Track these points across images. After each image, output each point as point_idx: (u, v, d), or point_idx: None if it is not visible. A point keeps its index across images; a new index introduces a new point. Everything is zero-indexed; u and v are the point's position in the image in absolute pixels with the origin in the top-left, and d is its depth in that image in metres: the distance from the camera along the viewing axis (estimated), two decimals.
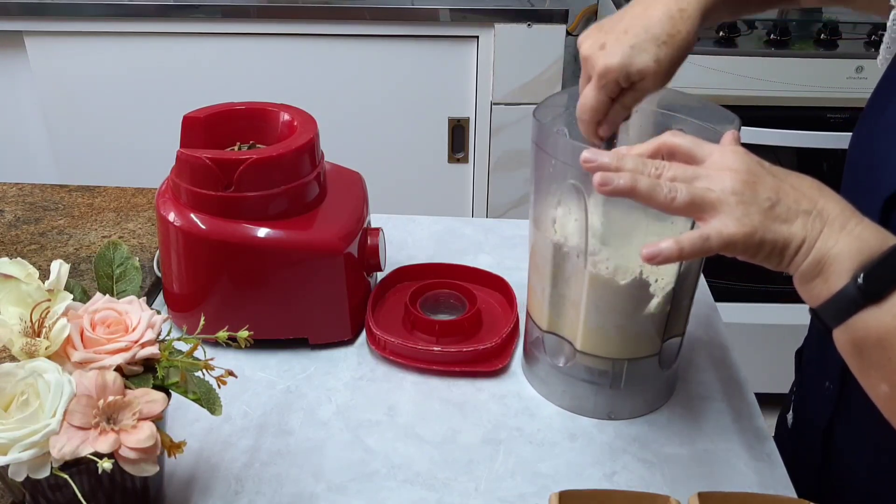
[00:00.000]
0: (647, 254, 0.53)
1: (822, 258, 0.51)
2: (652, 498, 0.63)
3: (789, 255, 0.52)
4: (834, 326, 0.52)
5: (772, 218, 0.52)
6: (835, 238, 0.51)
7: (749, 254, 0.53)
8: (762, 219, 0.52)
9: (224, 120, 0.87)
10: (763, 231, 0.51)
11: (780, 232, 0.52)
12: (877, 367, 0.51)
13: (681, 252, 0.53)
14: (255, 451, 0.74)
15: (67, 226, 1.07)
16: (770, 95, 1.66)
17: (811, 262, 0.51)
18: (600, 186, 0.54)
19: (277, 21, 1.73)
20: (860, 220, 0.52)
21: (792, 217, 0.52)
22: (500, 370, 0.84)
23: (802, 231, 0.52)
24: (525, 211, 1.91)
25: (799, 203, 0.52)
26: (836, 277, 0.50)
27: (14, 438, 0.54)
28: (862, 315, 0.50)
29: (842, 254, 0.50)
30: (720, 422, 0.79)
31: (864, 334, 0.50)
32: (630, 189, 0.54)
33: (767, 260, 0.53)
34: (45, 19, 1.72)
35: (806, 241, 0.51)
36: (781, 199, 0.52)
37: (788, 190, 0.53)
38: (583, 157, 0.56)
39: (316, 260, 0.82)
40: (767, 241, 0.52)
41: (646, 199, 0.54)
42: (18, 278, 0.60)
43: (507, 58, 1.77)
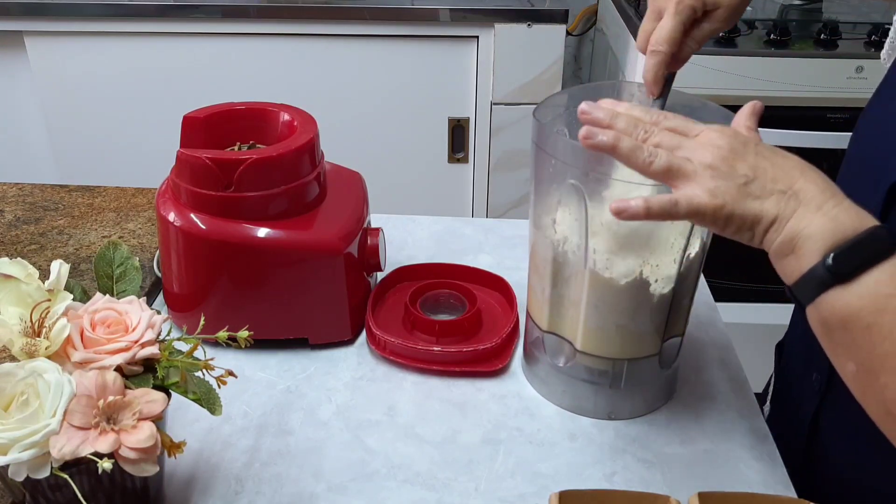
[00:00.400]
0: (615, 208, 0.56)
1: (795, 237, 0.52)
2: (652, 498, 0.63)
3: (760, 231, 0.54)
4: (806, 304, 0.53)
5: (744, 194, 0.53)
6: (809, 218, 0.52)
7: (718, 226, 0.55)
8: (735, 194, 0.53)
9: (224, 120, 0.87)
10: (733, 206, 0.53)
11: (750, 208, 0.53)
12: (843, 347, 0.52)
13: (648, 211, 0.55)
14: (255, 451, 0.74)
15: (67, 226, 1.07)
16: (770, 95, 1.66)
17: (783, 240, 0.53)
18: (584, 139, 0.57)
19: (277, 21, 1.73)
20: (839, 201, 0.53)
21: (766, 195, 0.53)
22: (500, 370, 0.84)
23: (775, 209, 0.53)
24: (525, 211, 1.91)
25: (776, 182, 0.54)
26: (808, 257, 0.52)
27: (14, 438, 0.54)
28: (829, 295, 0.51)
29: (815, 234, 0.51)
30: (720, 422, 0.79)
31: (830, 314, 0.51)
32: (611, 147, 0.56)
33: (738, 234, 0.55)
34: (45, 19, 1.72)
35: (778, 219, 0.53)
36: (758, 176, 0.54)
37: (768, 168, 0.54)
38: (580, 108, 0.59)
39: (316, 260, 0.82)
40: (736, 215, 0.53)
41: (625, 159, 0.56)
42: (18, 278, 0.60)
43: (507, 58, 1.77)
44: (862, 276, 0.50)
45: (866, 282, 0.50)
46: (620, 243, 0.70)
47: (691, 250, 0.72)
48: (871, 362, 0.50)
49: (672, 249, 0.71)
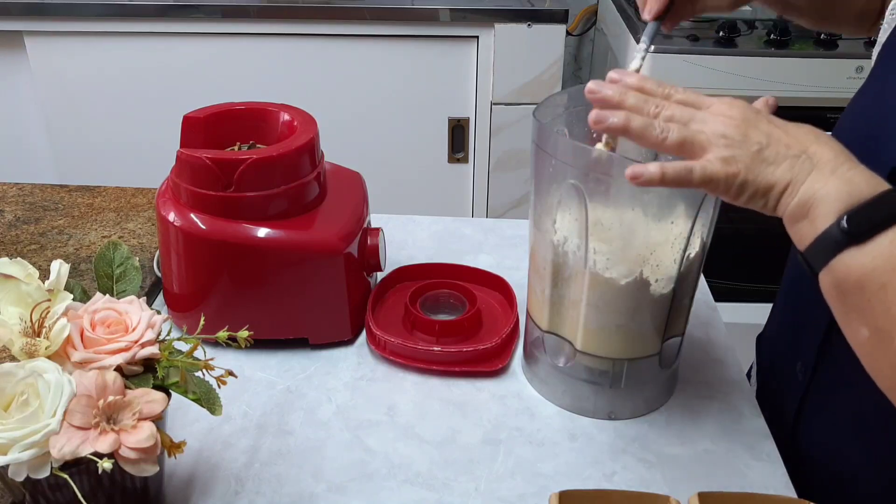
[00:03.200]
0: (630, 173, 0.56)
1: (809, 199, 0.52)
2: (652, 498, 0.63)
3: (774, 196, 0.54)
4: (819, 269, 0.52)
5: (758, 161, 0.54)
6: (823, 181, 0.52)
7: (732, 194, 0.55)
8: (748, 161, 0.54)
9: (224, 120, 0.87)
10: (746, 173, 0.54)
11: (764, 174, 0.54)
12: (857, 311, 0.51)
13: (663, 178, 0.55)
14: (255, 451, 0.74)
15: (67, 226, 1.07)
16: (770, 95, 1.66)
17: (797, 204, 0.53)
18: (595, 124, 0.57)
19: (277, 21, 1.73)
20: (854, 164, 0.53)
21: (780, 160, 0.54)
22: (500, 370, 0.84)
23: (789, 174, 0.53)
24: (525, 211, 1.91)
25: (790, 148, 0.54)
26: (822, 219, 0.52)
27: (14, 438, 0.54)
28: (843, 256, 0.51)
29: (829, 195, 0.51)
30: (720, 422, 0.79)
31: (845, 276, 0.51)
32: (623, 128, 0.56)
33: (752, 201, 0.55)
34: (45, 19, 1.72)
35: (792, 184, 0.53)
36: (771, 143, 0.54)
37: (781, 136, 0.55)
38: (588, 87, 0.58)
39: (316, 260, 0.82)
40: (750, 181, 0.54)
41: (638, 137, 0.56)
42: (18, 278, 0.60)
43: (507, 58, 1.77)
44: (877, 237, 0.50)
45: (881, 242, 0.50)
46: (620, 243, 0.70)
47: (691, 250, 0.72)
48: (886, 323, 0.50)
49: (672, 249, 0.71)
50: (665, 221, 0.69)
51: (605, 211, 0.69)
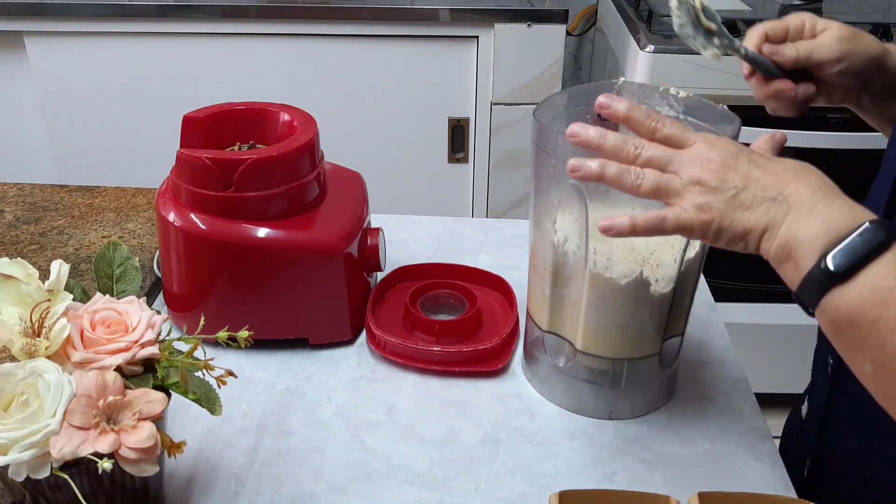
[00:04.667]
0: (602, 226, 0.57)
1: (788, 242, 0.52)
2: (652, 498, 0.63)
3: (753, 240, 0.54)
4: (812, 308, 0.52)
5: (733, 206, 0.54)
6: (801, 222, 0.52)
7: (709, 239, 0.55)
8: (723, 207, 0.54)
9: (224, 120, 0.87)
10: (721, 219, 0.54)
11: (740, 220, 0.54)
12: (856, 347, 0.51)
13: (633, 229, 0.56)
14: (255, 451, 0.74)
15: (67, 226, 1.07)
16: None
17: (778, 247, 0.53)
18: (571, 172, 0.58)
19: (277, 21, 1.73)
20: (832, 200, 0.52)
21: (756, 204, 0.53)
22: (500, 370, 0.84)
23: (765, 218, 0.53)
24: (525, 211, 1.91)
25: (766, 190, 0.54)
26: (804, 261, 0.51)
27: (14, 438, 0.54)
28: (831, 296, 0.50)
29: (808, 237, 0.51)
30: (720, 422, 0.79)
31: (836, 314, 0.51)
32: (598, 176, 0.57)
33: (731, 245, 0.55)
34: (45, 19, 1.72)
35: (769, 228, 0.53)
36: (748, 186, 0.54)
37: (759, 177, 0.54)
38: (570, 130, 0.59)
39: (316, 260, 0.82)
40: (725, 227, 0.54)
41: (613, 184, 0.57)
42: (18, 278, 0.60)
43: (507, 58, 1.77)
44: (860, 273, 0.49)
45: (865, 277, 0.49)
46: (620, 244, 0.70)
47: (691, 250, 0.72)
48: (884, 358, 0.49)
49: (672, 249, 0.71)
50: None
51: (605, 211, 0.69)
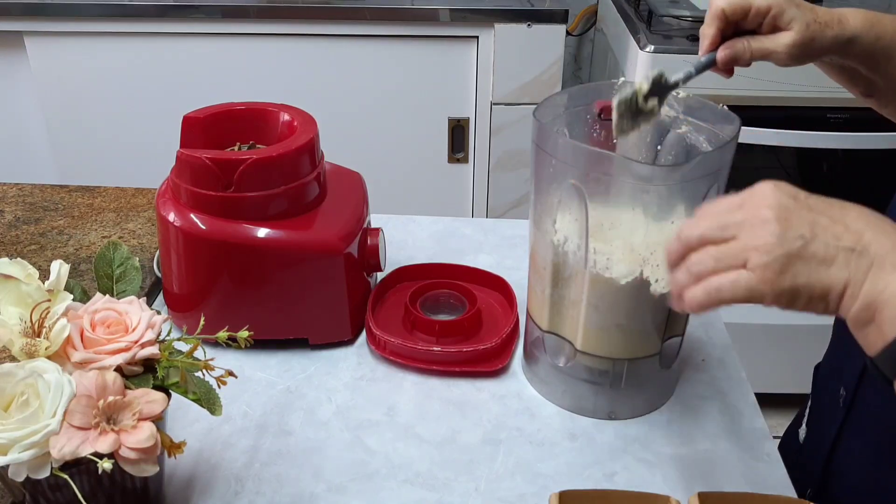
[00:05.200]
0: (675, 307, 0.52)
1: (873, 303, 0.45)
2: (652, 498, 0.63)
3: (833, 300, 0.46)
4: (893, 377, 0.45)
5: (805, 260, 0.46)
6: (885, 279, 0.45)
7: (785, 303, 0.47)
8: (793, 263, 0.46)
9: (224, 120, 0.87)
10: (794, 278, 0.46)
11: (816, 276, 0.46)
12: None
13: (700, 306, 0.50)
14: (255, 451, 0.74)
15: (67, 226, 1.07)
16: (770, 95, 1.66)
17: (861, 308, 0.46)
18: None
19: (277, 21, 1.73)
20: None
21: (831, 256, 0.46)
22: (500, 370, 0.84)
23: (845, 272, 0.46)
24: (525, 211, 1.91)
25: (840, 239, 0.46)
26: (890, 325, 0.44)
27: (14, 439, 0.54)
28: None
29: (894, 297, 0.44)
30: (720, 422, 0.79)
31: None
32: (682, 289, 0.51)
33: (811, 307, 0.47)
34: (45, 19, 1.72)
35: (850, 284, 0.46)
36: (817, 234, 0.47)
37: (827, 225, 0.47)
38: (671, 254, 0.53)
39: (316, 260, 0.82)
40: (802, 287, 0.46)
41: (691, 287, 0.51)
42: (18, 278, 0.60)
43: (507, 58, 1.77)
44: None
45: None
46: (620, 243, 0.70)
47: None
48: None
49: None
50: (665, 221, 0.69)
51: (605, 211, 0.69)
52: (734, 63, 0.71)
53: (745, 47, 0.70)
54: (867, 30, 0.68)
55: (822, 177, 1.86)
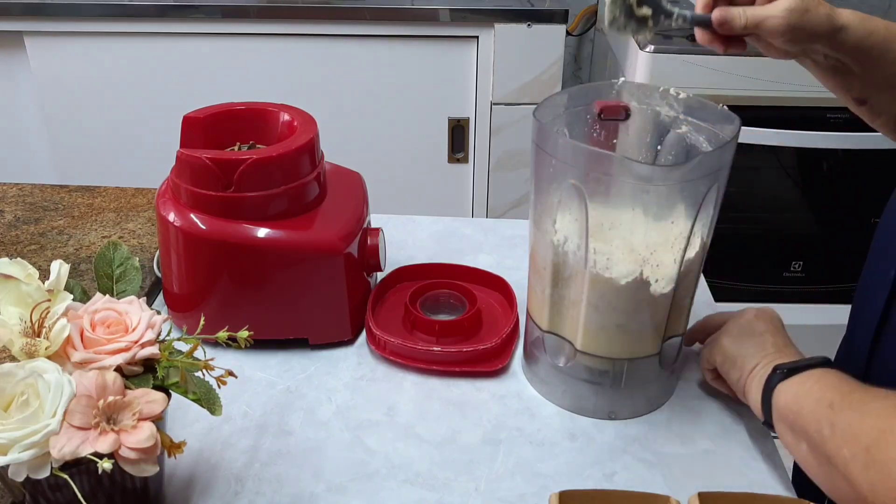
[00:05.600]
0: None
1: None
2: (652, 498, 0.63)
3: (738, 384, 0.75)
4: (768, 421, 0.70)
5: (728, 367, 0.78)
6: (749, 385, 0.73)
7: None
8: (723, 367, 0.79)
9: (224, 120, 0.87)
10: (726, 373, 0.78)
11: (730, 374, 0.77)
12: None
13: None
14: (255, 451, 0.74)
15: (67, 226, 1.07)
16: (770, 95, 1.66)
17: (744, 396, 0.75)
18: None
19: (277, 21, 1.73)
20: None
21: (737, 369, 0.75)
22: (500, 370, 0.84)
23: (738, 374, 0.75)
24: (525, 211, 1.91)
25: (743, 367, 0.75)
26: (755, 409, 0.73)
27: (14, 439, 0.54)
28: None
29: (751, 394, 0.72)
30: (720, 422, 0.79)
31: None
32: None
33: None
34: (45, 19, 1.72)
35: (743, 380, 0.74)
36: (735, 361, 0.76)
37: (736, 357, 0.76)
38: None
39: (316, 260, 0.82)
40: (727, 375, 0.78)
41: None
42: (18, 278, 0.60)
43: (507, 58, 1.77)
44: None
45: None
46: (621, 243, 0.70)
47: (691, 250, 0.72)
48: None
49: (672, 249, 0.71)
50: (665, 221, 0.69)
51: (605, 211, 0.69)
52: (727, 25, 0.71)
53: (741, 12, 0.71)
54: (858, 23, 0.71)
55: (822, 177, 1.86)
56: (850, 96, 0.79)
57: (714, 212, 0.72)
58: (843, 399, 0.61)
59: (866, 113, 0.80)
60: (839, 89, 0.79)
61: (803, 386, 0.65)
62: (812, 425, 0.62)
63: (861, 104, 0.79)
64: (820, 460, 0.61)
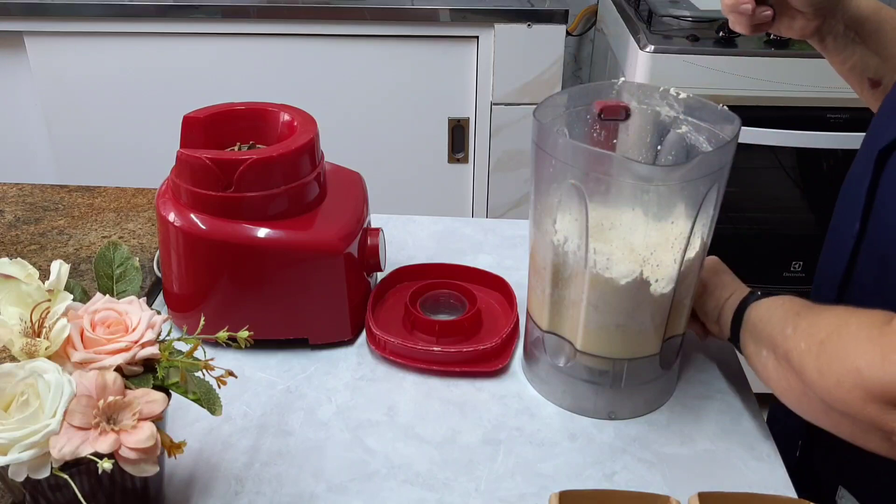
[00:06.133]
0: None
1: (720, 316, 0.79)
2: (652, 498, 0.63)
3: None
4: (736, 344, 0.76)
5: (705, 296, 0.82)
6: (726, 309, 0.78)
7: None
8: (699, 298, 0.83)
9: (224, 120, 0.87)
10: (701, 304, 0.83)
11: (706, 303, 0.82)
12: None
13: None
14: (255, 451, 0.74)
15: (67, 226, 1.07)
16: (770, 95, 1.66)
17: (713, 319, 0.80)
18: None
19: (277, 21, 1.73)
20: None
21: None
22: (500, 370, 0.84)
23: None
24: (525, 211, 1.91)
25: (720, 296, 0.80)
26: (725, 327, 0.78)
27: (14, 439, 0.54)
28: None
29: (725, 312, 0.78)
30: (720, 422, 0.79)
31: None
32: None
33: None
34: (45, 19, 1.72)
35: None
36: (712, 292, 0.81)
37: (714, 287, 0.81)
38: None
39: (316, 260, 0.82)
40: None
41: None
42: (18, 278, 0.60)
43: (507, 58, 1.77)
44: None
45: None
46: (621, 243, 0.70)
47: (691, 250, 0.72)
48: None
49: (672, 249, 0.71)
50: (665, 221, 0.69)
51: (605, 211, 0.69)
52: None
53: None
54: (868, 1, 0.79)
55: (822, 177, 1.86)
56: (865, 77, 0.82)
57: (714, 212, 0.72)
58: (809, 309, 0.66)
59: (879, 96, 0.82)
60: (855, 70, 0.82)
61: (775, 303, 0.71)
62: (777, 328, 0.67)
63: (875, 86, 0.82)
64: (778, 360, 0.66)
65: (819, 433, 0.69)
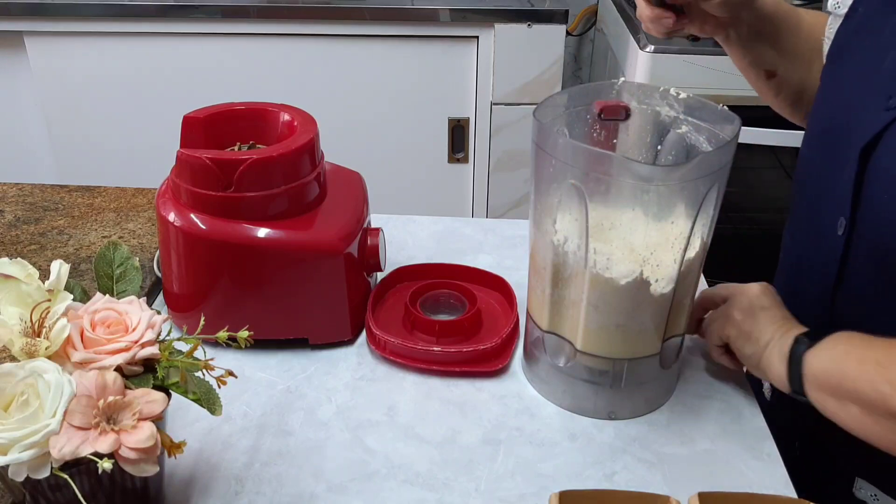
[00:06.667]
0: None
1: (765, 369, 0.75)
2: (652, 498, 0.63)
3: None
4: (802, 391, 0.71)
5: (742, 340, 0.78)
6: (767, 359, 0.74)
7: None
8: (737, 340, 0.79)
9: (224, 120, 0.87)
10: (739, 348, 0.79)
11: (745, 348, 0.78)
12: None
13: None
14: (255, 451, 0.74)
15: (67, 226, 1.07)
16: None
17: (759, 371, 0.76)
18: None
19: (277, 21, 1.73)
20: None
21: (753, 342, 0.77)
22: (500, 370, 0.84)
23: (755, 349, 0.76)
24: (525, 211, 1.91)
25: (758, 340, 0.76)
26: (779, 382, 0.73)
27: (14, 438, 0.54)
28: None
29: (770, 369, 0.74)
30: (720, 422, 0.79)
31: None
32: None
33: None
34: (45, 19, 1.72)
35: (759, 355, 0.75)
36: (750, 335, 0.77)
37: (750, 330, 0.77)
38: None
39: (316, 260, 0.82)
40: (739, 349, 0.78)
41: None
42: (18, 278, 0.60)
43: (507, 58, 1.77)
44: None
45: None
46: (621, 243, 0.70)
47: (691, 250, 0.72)
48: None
49: (672, 249, 0.71)
50: (665, 221, 0.69)
51: (605, 211, 0.69)
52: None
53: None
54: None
55: None
56: (761, 70, 0.87)
57: (714, 212, 0.72)
58: (886, 355, 0.62)
59: (773, 87, 0.89)
60: (753, 64, 0.88)
61: (835, 351, 0.67)
62: (865, 385, 0.62)
63: (771, 77, 0.87)
64: (878, 418, 0.62)
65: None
